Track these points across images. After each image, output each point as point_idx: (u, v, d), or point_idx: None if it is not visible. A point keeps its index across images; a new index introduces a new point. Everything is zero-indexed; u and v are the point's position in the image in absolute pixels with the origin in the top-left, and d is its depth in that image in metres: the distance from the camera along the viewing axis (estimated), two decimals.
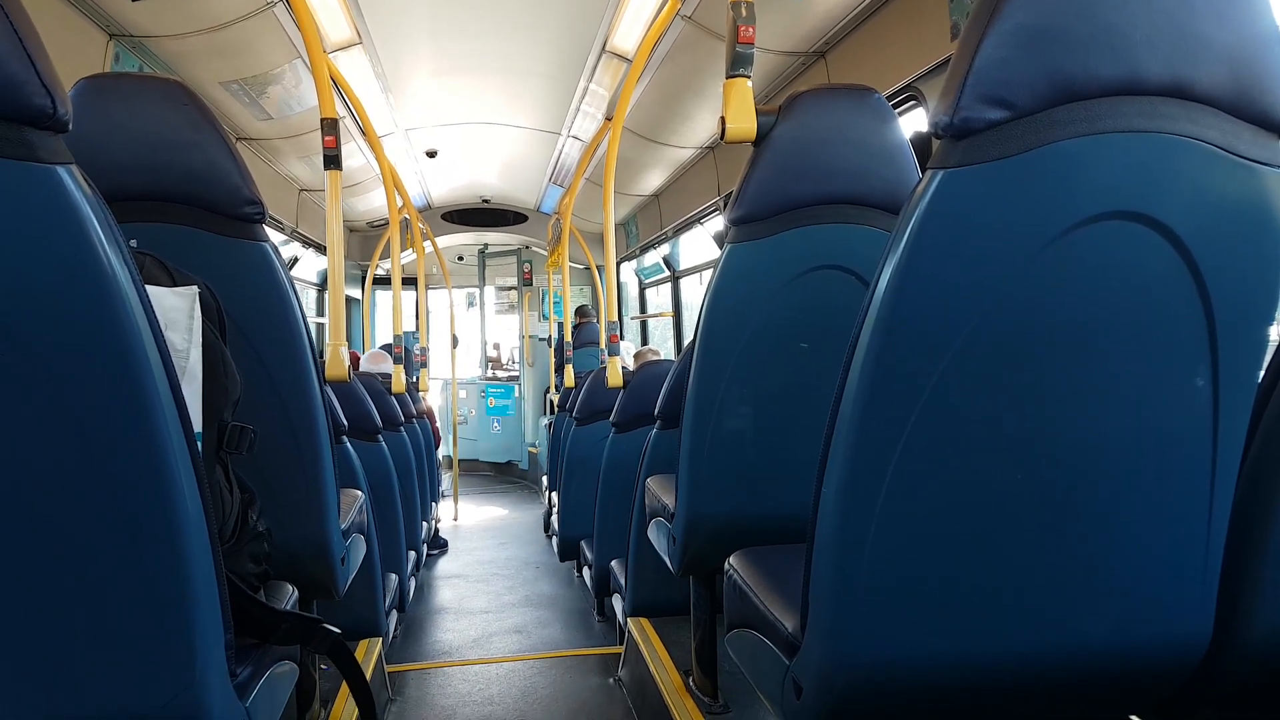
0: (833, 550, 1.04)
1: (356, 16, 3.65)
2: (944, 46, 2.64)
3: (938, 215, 0.93)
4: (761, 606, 1.27)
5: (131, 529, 0.87)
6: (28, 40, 0.78)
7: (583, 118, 5.12)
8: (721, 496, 1.82)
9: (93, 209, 0.82)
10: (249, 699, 1.05)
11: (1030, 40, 0.90)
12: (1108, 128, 0.92)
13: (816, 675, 1.08)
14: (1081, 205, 0.93)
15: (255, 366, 1.50)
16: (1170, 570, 1.07)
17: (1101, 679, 1.12)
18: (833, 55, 3.46)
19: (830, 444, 1.03)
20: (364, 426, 3.17)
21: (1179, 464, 1.04)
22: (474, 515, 7.44)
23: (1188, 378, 1.01)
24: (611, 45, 3.97)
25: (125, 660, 0.91)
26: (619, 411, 3.30)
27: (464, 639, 3.84)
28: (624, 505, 2.98)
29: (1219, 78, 0.94)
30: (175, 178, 1.49)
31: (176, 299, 1.05)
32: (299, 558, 1.63)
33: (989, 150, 0.91)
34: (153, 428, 0.86)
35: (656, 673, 2.36)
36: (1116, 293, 0.98)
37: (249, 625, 1.12)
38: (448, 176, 7.07)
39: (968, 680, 1.09)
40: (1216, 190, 0.96)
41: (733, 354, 1.72)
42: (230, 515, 1.18)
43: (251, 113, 4.28)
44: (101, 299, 0.82)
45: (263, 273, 1.54)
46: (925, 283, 0.95)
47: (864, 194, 1.65)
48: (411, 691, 2.79)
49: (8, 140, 0.78)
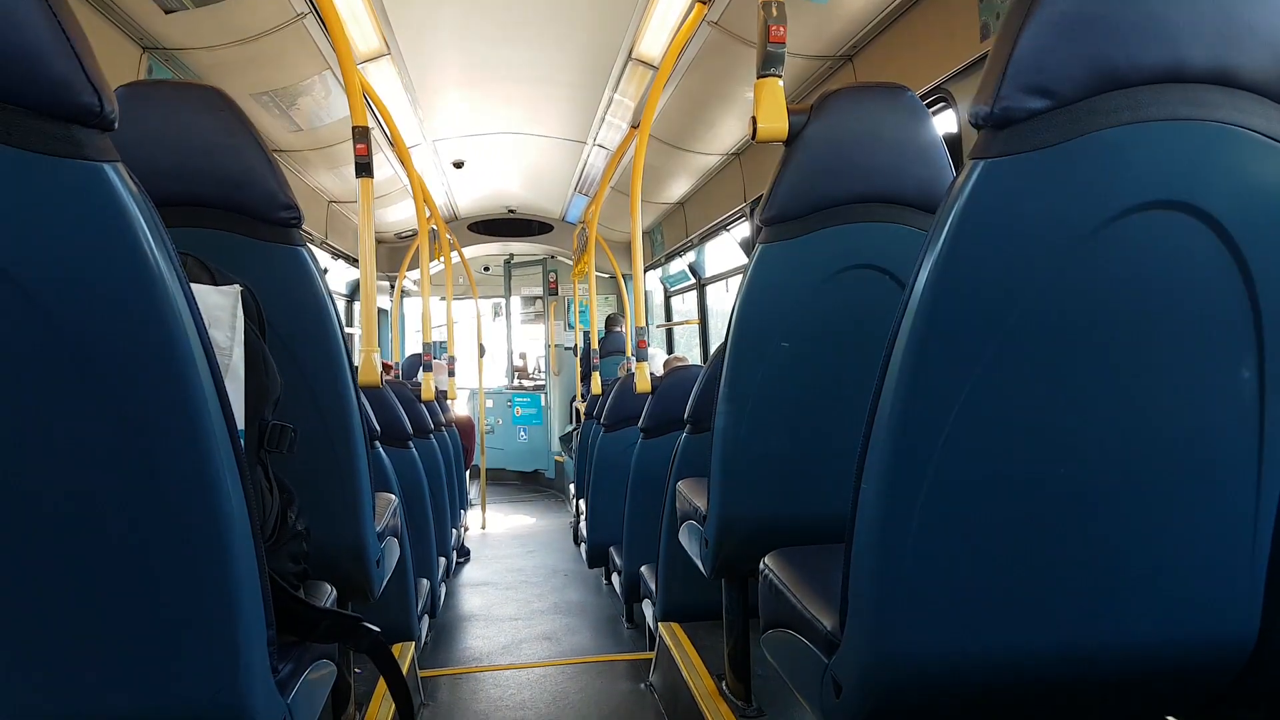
0: (873, 548, 1.03)
1: (385, 28, 3.69)
2: (973, 47, 2.63)
3: (979, 206, 0.92)
4: (799, 605, 1.26)
5: (177, 524, 0.88)
6: (75, 39, 0.79)
7: (608, 126, 5.14)
8: (754, 498, 1.81)
9: (139, 206, 0.83)
10: (290, 696, 1.06)
11: (1072, 28, 0.89)
12: (1151, 116, 0.91)
13: (857, 673, 1.07)
14: (1125, 195, 0.92)
15: (292, 370, 1.52)
16: (1215, 569, 1.05)
17: (1143, 678, 1.10)
18: (860, 58, 3.45)
19: (869, 442, 1.02)
20: (396, 433, 3.19)
21: (1224, 459, 1.02)
22: (501, 523, 7.46)
23: (1233, 370, 0.99)
24: (638, 53, 3.98)
25: (170, 655, 0.91)
26: (647, 417, 3.29)
27: (494, 645, 3.85)
28: (653, 510, 2.97)
29: (1264, 64, 0.92)
30: (212, 183, 1.51)
31: (220, 297, 1.06)
32: (335, 559, 1.64)
33: (1031, 140, 0.90)
34: (198, 424, 0.87)
35: (689, 677, 2.35)
36: (1160, 284, 0.96)
37: (289, 623, 1.12)
38: (474, 187, 7.12)
39: (1008, 677, 1.07)
40: (1262, 179, 0.95)
41: (765, 354, 1.71)
42: (271, 514, 1.19)
43: (282, 124, 4.34)
44: (148, 294, 0.83)
45: (299, 277, 1.56)
46: (966, 275, 0.94)
47: (897, 192, 1.64)
48: (444, 696, 2.79)
49: (56, 138, 0.80)
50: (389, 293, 8.15)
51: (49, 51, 0.78)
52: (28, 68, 0.77)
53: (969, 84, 2.74)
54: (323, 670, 1.25)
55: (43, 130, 0.79)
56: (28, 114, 0.78)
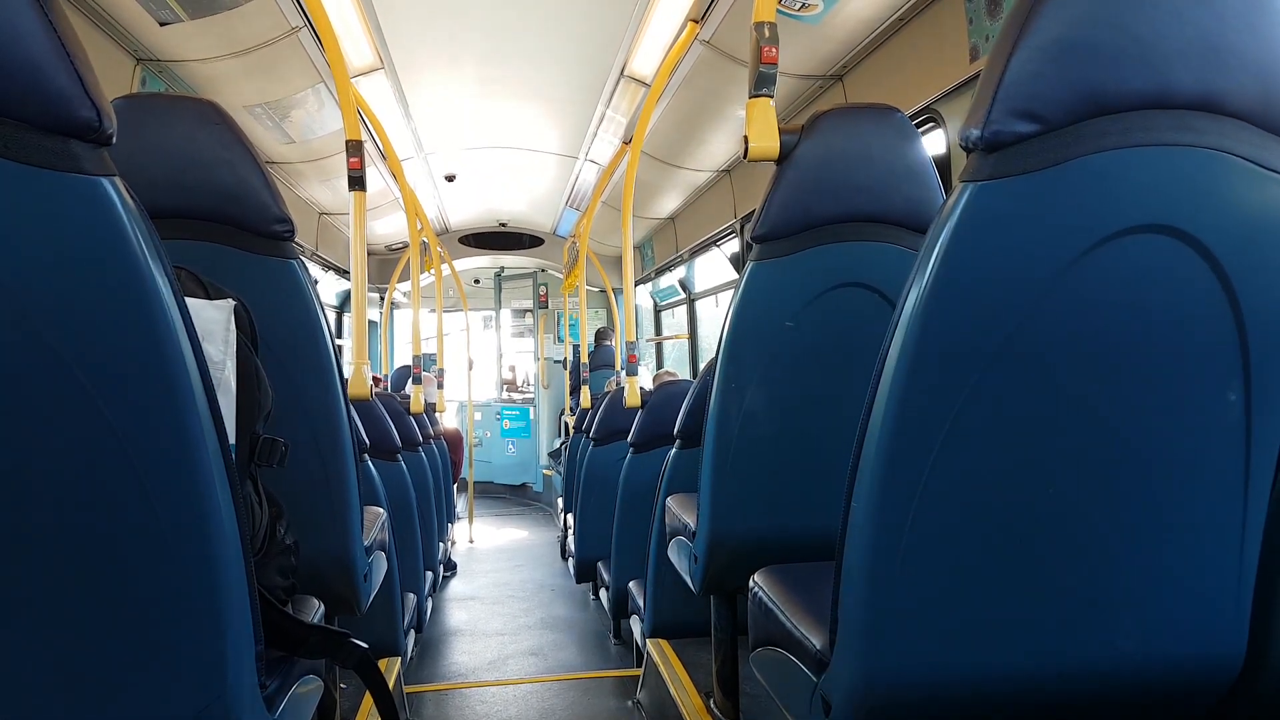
0: (863, 567, 1.03)
1: (379, 42, 3.70)
2: (962, 69, 2.65)
3: (969, 227, 0.93)
4: (788, 624, 1.26)
5: (167, 537, 0.88)
6: (74, 53, 0.79)
7: (600, 142, 5.16)
8: (744, 514, 1.81)
9: (136, 221, 0.83)
10: (277, 711, 1.05)
11: (1061, 53, 0.91)
12: (1138, 141, 0.92)
13: (846, 692, 1.07)
14: (1112, 219, 0.93)
15: (282, 382, 1.51)
16: (1203, 588, 1.06)
17: (1133, 698, 1.11)
18: (850, 78, 3.48)
19: (859, 460, 1.03)
20: (384, 446, 3.18)
21: (1210, 480, 1.03)
22: (489, 537, 7.43)
23: (1219, 393, 1.00)
24: (630, 70, 4.00)
25: (158, 668, 0.91)
26: (637, 431, 3.29)
27: (480, 661, 3.83)
28: (642, 526, 2.97)
29: (1250, 90, 0.94)
30: (206, 195, 1.51)
31: (214, 311, 1.06)
32: (323, 573, 1.63)
33: (1020, 163, 0.91)
34: (190, 438, 0.87)
35: (677, 695, 2.34)
36: (1147, 307, 0.97)
37: (277, 638, 1.12)
38: (465, 200, 7.13)
39: (997, 697, 1.08)
40: (1248, 204, 0.96)
41: (755, 371, 1.72)
42: (260, 528, 1.18)
43: (274, 136, 4.34)
44: (143, 309, 0.83)
45: (291, 290, 1.55)
46: (956, 295, 0.95)
47: (887, 212, 1.65)
48: (429, 712, 2.77)
49: (53, 152, 0.79)
50: (379, 305, 8.14)
51: (48, 65, 0.78)
52: (26, 81, 0.77)
53: (958, 105, 2.77)
54: (310, 685, 1.24)
55: (40, 144, 0.78)
56: (25, 128, 0.78)
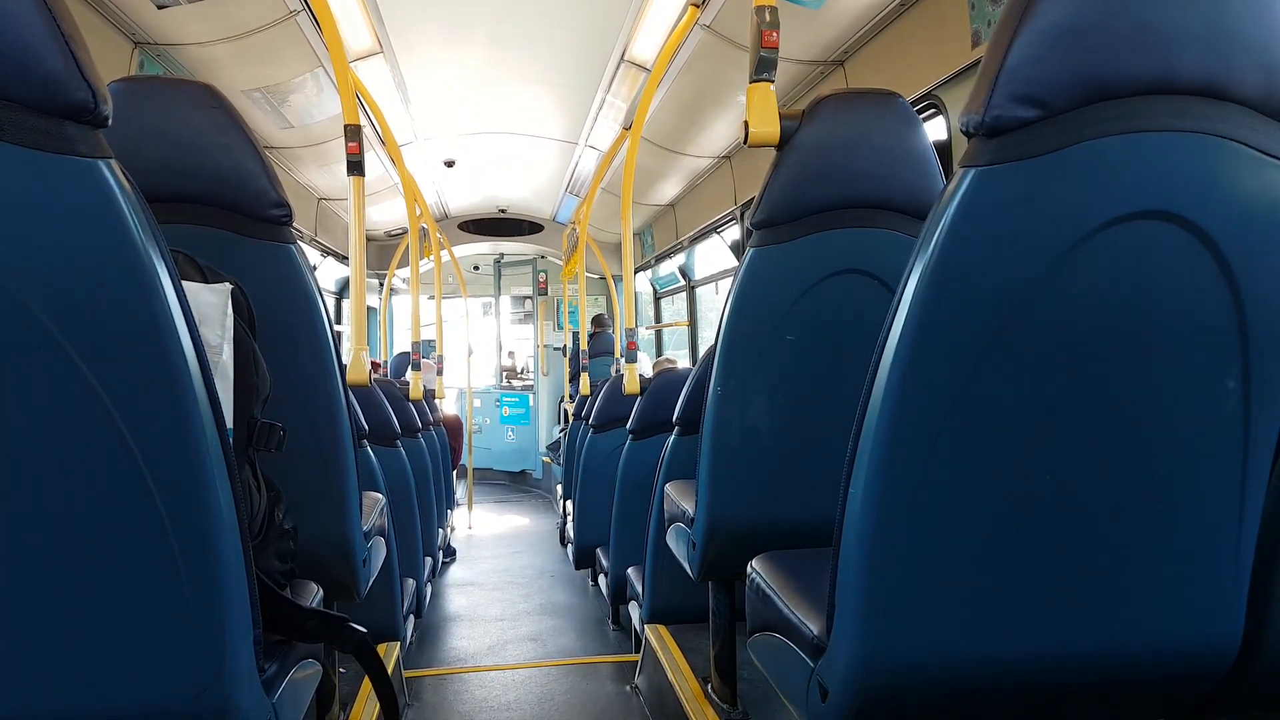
0: (860, 553, 1.03)
1: (378, 26, 3.68)
2: (964, 55, 2.64)
3: (970, 213, 0.92)
4: (786, 609, 1.26)
5: (165, 521, 0.88)
6: (69, 35, 0.79)
7: (600, 127, 5.14)
8: (742, 501, 1.81)
9: (132, 203, 0.83)
10: (275, 695, 1.05)
11: (1062, 39, 0.90)
12: (1140, 127, 0.92)
13: (843, 677, 1.08)
14: (1113, 204, 0.93)
15: (281, 368, 1.51)
16: (1200, 574, 1.06)
17: (1130, 682, 1.11)
18: (851, 64, 3.46)
19: (857, 446, 1.03)
20: (383, 432, 3.18)
21: (1209, 466, 1.03)
22: (488, 524, 7.44)
23: (1219, 379, 1.00)
24: (630, 55, 3.99)
25: (157, 652, 0.91)
26: (636, 418, 3.29)
27: (479, 646, 3.84)
28: (641, 512, 2.97)
29: (1252, 77, 0.93)
30: (204, 180, 1.50)
31: (212, 295, 1.06)
32: (321, 558, 1.63)
33: (1021, 149, 0.91)
34: (188, 422, 0.87)
35: (675, 680, 2.35)
36: (1147, 293, 0.97)
37: (276, 622, 1.12)
38: (465, 186, 7.12)
39: (995, 682, 1.08)
40: (1250, 191, 0.96)
41: (754, 357, 1.72)
42: (258, 512, 1.18)
43: (273, 121, 4.33)
44: (140, 292, 0.83)
45: (289, 275, 1.55)
46: (956, 281, 0.95)
47: (887, 198, 1.65)
48: (428, 697, 2.78)
49: (48, 134, 0.79)
50: (378, 291, 8.13)
51: (43, 47, 0.77)
52: (21, 63, 0.77)
53: (959, 91, 2.76)
54: (308, 670, 1.24)
55: (35, 126, 0.78)
56: (20, 109, 0.78)
